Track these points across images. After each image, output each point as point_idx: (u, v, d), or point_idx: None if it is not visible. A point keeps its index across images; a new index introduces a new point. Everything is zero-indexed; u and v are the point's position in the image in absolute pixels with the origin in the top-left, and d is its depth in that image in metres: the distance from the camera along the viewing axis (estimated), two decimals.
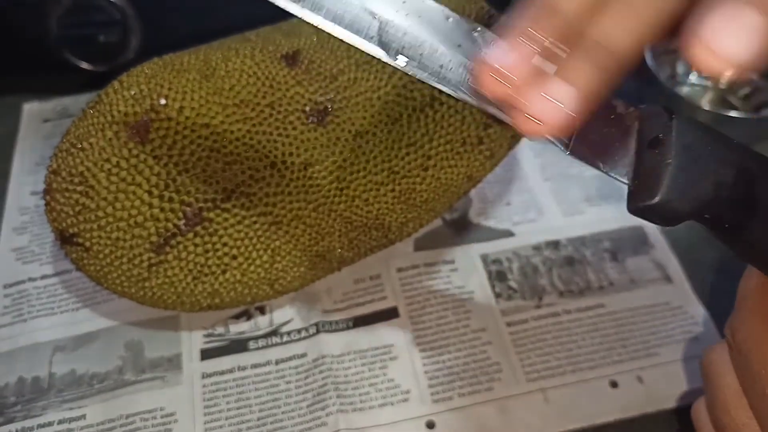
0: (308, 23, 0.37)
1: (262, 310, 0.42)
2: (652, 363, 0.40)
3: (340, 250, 0.37)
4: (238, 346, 0.41)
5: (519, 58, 0.22)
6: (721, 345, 0.32)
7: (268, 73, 0.34)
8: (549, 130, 0.22)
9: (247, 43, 0.36)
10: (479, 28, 0.24)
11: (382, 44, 0.24)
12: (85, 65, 0.53)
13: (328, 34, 0.36)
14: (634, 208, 0.27)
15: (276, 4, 0.24)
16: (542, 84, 0.22)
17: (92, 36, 0.52)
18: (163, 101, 0.33)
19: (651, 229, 0.46)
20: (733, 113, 0.53)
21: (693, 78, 0.58)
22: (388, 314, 0.42)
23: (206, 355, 0.40)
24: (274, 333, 0.41)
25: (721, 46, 0.20)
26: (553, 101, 0.22)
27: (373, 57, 0.34)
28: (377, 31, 0.24)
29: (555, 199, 0.48)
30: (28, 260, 0.45)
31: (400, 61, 0.24)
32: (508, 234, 0.46)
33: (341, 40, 0.35)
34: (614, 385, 0.39)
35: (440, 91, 0.35)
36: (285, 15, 0.40)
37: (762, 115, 0.54)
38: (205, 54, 0.35)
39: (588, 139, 0.26)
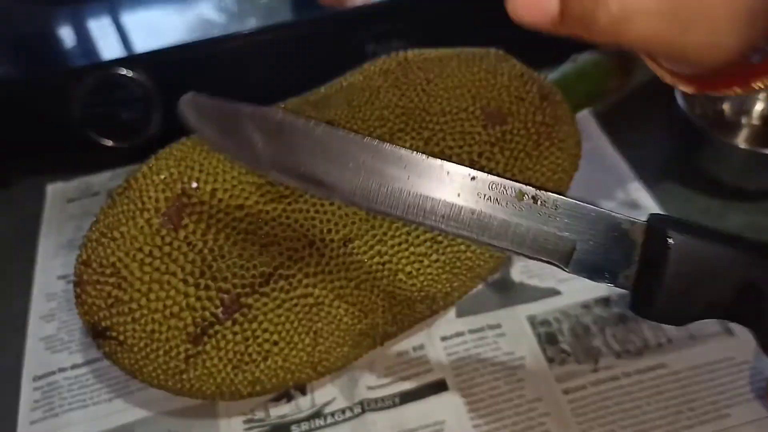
0: (336, 93, 0.37)
1: (302, 391, 0.40)
2: (724, 426, 0.38)
3: (383, 326, 0.35)
4: (281, 431, 0.38)
5: None
6: None
7: None
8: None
9: None
10: None
11: None
12: (107, 142, 0.52)
13: (359, 103, 0.35)
14: (634, 312, 0.28)
15: None
16: None
17: (114, 113, 0.51)
18: (194, 184, 0.32)
19: None
20: None
21: (726, 115, 0.56)
22: (436, 387, 0.40)
23: None
24: (317, 415, 0.39)
25: None
26: None
27: (407, 125, 0.33)
28: None
29: None
30: (57, 349, 0.43)
31: None
32: (554, 292, 0.44)
33: (373, 110, 0.35)
34: None
35: (480, 155, 0.34)
36: (310, 85, 0.40)
37: None
38: None
39: (589, 260, 0.27)
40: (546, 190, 0.25)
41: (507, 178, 0.25)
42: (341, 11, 0.53)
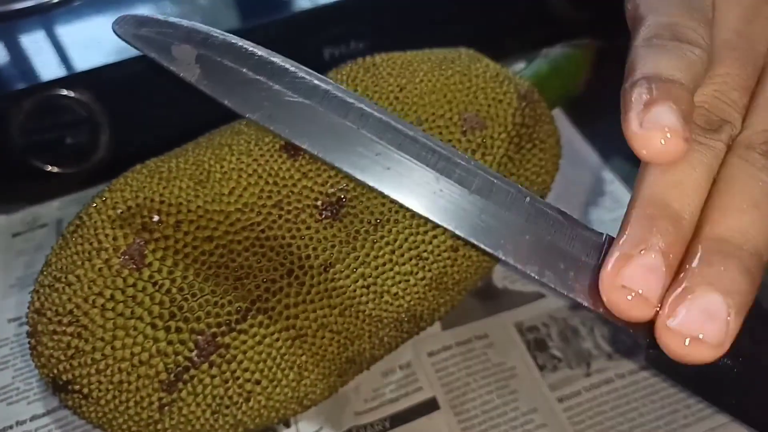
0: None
1: (286, 423, 0.37)
2: (720, 422, 0.37)
3: (370, 351, 0.33)
4: None
5: (652, 274, 0.20)
6: None
7: (269, 168, 0.30)
8: (709, 350, 0.20)
9: (239, 137, 0.32)
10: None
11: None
12: (53, 169, 0.49)
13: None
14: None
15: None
16: (682, 298, 0.20)
17: (58, 138, 0.47)
18: (155, 218, 0.29)
19: None
20: None
21: None
22: (427, 407, 0.38)
23: None
24: None
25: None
26: (706, 315, 0.19)
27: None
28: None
29: None
30: (13, 400, 0.39)
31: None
32: (539, 296, 0.43)
33: None
34: None
35: None
36: None
37: None
38: (194, 155, 0.32)
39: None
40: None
41: None
42: (293, 14, 0.51)
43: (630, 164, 0.51)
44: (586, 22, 0.56)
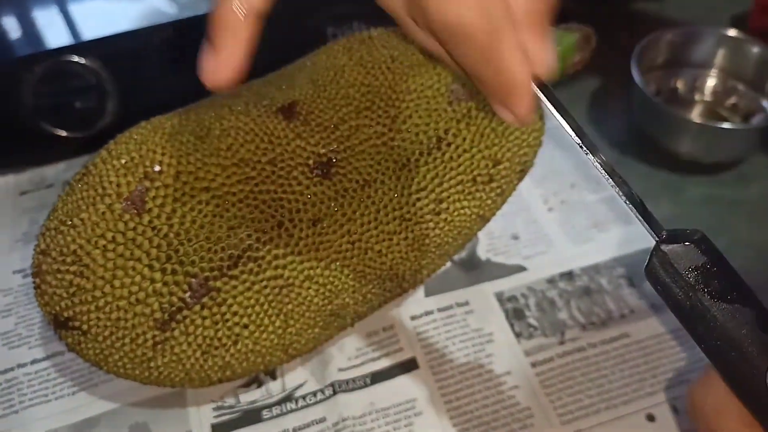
0: (300, 72, 0.36)
1: (273, 375, 0.39)
2: (684, 392, 0.39)
3: (354, 307, 0.35)
4: (252, 416, 0.38)
5: None
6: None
7: (265, 128, 0.32)
8: None
9: (239, 99, 0.34)
10: None
11: None
12: (61, 133, 0.51)
13: (324, 82, 0.35)
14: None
15: None
16: None
17: (68, 103, 0.49)
18: (157, 168, 0.31)
19: None
20: (725, 125, 0.52)
21: (680, 92, 0.57)
22: (407, 366, 0.40)
23: (218, 429, 0.38)
24: (288, 399, 0.39)
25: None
26: None
27: (373, 103, 0.33)
28: None
29: (562, 229, 0.47)
30: (15, 345, 0.42)
31: None
32: (520, 269, 0.45)
33: (338, 89, 0.34)
34: (651, 418, 0.38)
35: (446, 131, 0.34)
36: (270, 70, 0.39)
37: (752, 126, 0.53)
38: (196, 114, 0.33)
39: None
40: None
41: None
42: None
43: (618, 150, 0.53)
44: (578, 8, 0.58)
